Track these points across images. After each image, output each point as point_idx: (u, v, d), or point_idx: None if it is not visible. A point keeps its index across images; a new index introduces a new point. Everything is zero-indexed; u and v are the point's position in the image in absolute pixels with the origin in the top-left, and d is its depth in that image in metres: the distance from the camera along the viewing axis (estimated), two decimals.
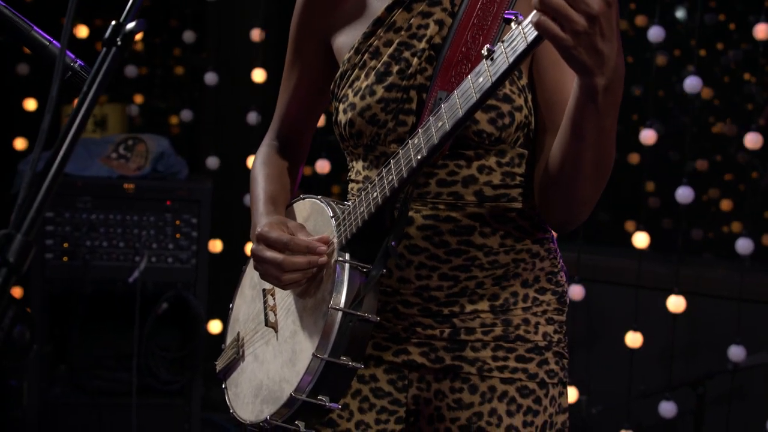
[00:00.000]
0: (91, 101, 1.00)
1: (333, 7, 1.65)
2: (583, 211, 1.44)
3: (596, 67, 1.19)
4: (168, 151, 3.77)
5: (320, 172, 3.89)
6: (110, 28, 1.08)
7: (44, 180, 0.95)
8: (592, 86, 1.22)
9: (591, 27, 1.14)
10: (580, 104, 1.27)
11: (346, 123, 1.54)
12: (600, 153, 1.34)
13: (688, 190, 3.22)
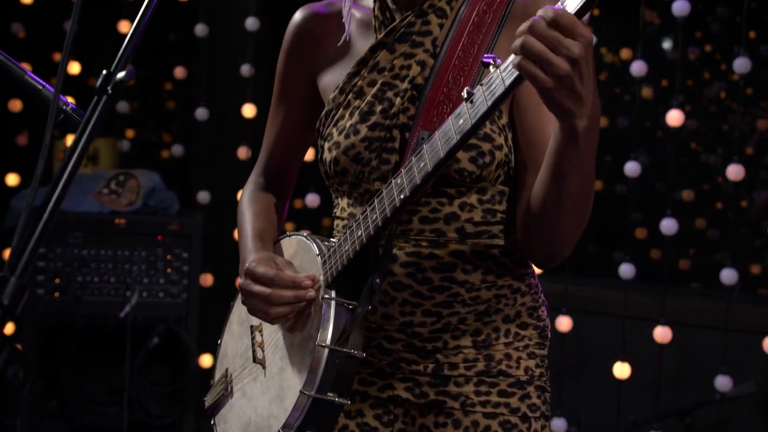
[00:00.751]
0: (82, 149, 1.03)
1: (318, 48, 1.69)
2: (565, 247, 1.47)
3: (576, 108, 1.22)
4: (159, 186, 3.81)
5: (310, 205, 3.92)
6: (101, 77, 1.12)
7: (38, 223, 0.99)
8: (572, 128, 1.25)
9: (572, 70, 1.17)
10: (561, 146, 1.30)
11: (331, 161, 1.57)
12: (580, 190, 1.37)
13: (672, 221, 3.25)
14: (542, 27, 1.16)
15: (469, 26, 1.53)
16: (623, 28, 4.53)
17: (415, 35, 1.55)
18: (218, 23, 4.37)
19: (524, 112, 1.51)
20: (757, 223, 4.50)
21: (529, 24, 1.17)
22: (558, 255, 1.49)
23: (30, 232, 0.98)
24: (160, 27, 4.94)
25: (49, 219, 0.95)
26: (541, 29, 1.16)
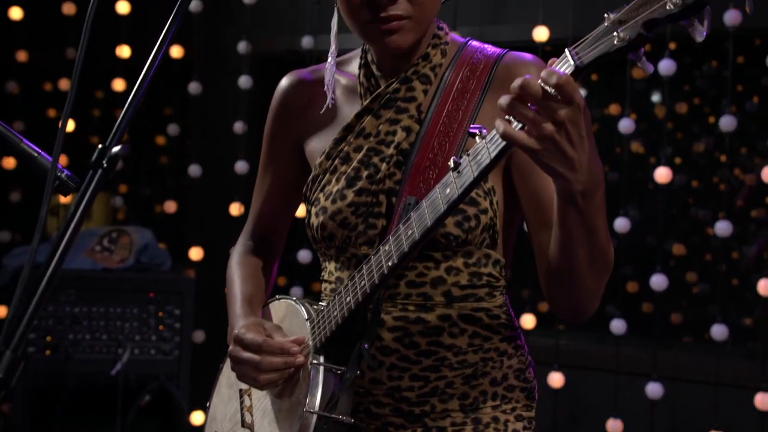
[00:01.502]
0: (76, 224, 1.05)
1: (304, 113, 1.71)
2: (590, 303, 1.45)
3: (569, 172, 1.21)
4: (152, 243, 3.82)
5: (302, 262, 3.94)
6: (96, 152, 1.15)
7: (32, 298, 1.00)
8: (568, 191, 1.25)
9: (558, 132, 1.17)
10: (561, 207, 1.31)
11: (318, 226, 1.59)
12: (593, 250, 1.35)
13: (662, 277, 3.28)
14: (531, 86, 1.15)
15: (454, 92, 1.55)
16: (611, 84, 4.59)
17: (400, 101, 1.57)
18: (211, 81, 4.42)
19: (526, 176, 1.52)
20: (748, 275, 4.51)
21: (519, 83, 1.16)
22: (584, 311, 1.47)
23: (25, 305, 0.99)
24: (153, 83, 4.99)
25: (41, 296, 0.97)
26: (530, 88, 1.15)
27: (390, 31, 1.49)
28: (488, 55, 1.58)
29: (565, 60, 1.18)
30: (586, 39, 1.17)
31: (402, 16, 1.48)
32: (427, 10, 1.50)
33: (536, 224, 1.52)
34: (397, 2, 1.47)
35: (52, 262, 0.99)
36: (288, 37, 4.31)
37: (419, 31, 1.52)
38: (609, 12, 1.15)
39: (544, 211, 1.50)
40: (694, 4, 1.07)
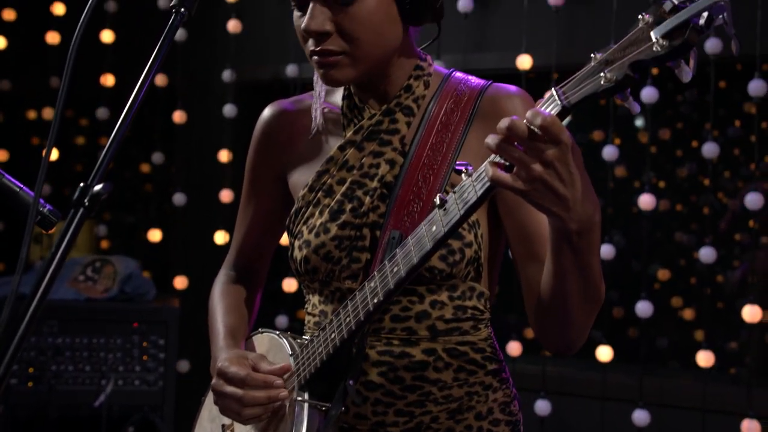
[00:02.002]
0: (57, 263, 1.04)
1: (287, 144, 1.70)
2: (579, 336, 1.44)
3: (562, 212, 1.20)
4: (136, 272, 3.80)
5: (287, 290, 3.92)
6: (78, 190, 1.14)
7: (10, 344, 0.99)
8: (564, 230, 1.24)
9: (547, 172, 1.16)
10: (556, 244, 1.29)
11: (301, 259, 1.58)
12: (586, 285, 1.34)
13: (647, 304, 3.28)
14: (518, 127, 1.14)
15: (438, 124, 1.55)
16: (595, 110, 4.61)
17: (383, 133, 1.56)
18: (196, 109, 4.42)
19: (513, 209, 1.51)
20: (733, 300, 4.53)
21: (506, 124, 1.15)
22: (572, 344, 1.46)
23: (5, 350, 0.98)
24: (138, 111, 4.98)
25: (20, 341, 0.96)
26: (517, 129, 1.14)
27: (326, 65, 1.49)
28: (472, 87, 1.58)
29: (552, 100, 1.17)
30: (572, 79, 1.16)
31: (335, 52, 1.48)
32: (365, 46, 1.48)
33: (524, 257, 1.51)
34: (330, 38, 1.47)
35: (32, 303, 0.98)
36: (272, 65, 4.32)
37: (361, 67, 1.50)
38: (596, 52, 1.15)
39: (532, 244, 1.49)
40: (681, 46, 1.07)
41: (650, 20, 1.10)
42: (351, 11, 1.46)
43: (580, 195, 1.19)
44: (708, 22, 1.06)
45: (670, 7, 1.08)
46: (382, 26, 1.49)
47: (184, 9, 1.34)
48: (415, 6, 1.50)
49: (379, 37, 1.49)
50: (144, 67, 1.20)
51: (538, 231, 1.48)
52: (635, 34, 1.11)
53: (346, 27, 1.47)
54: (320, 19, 1.47)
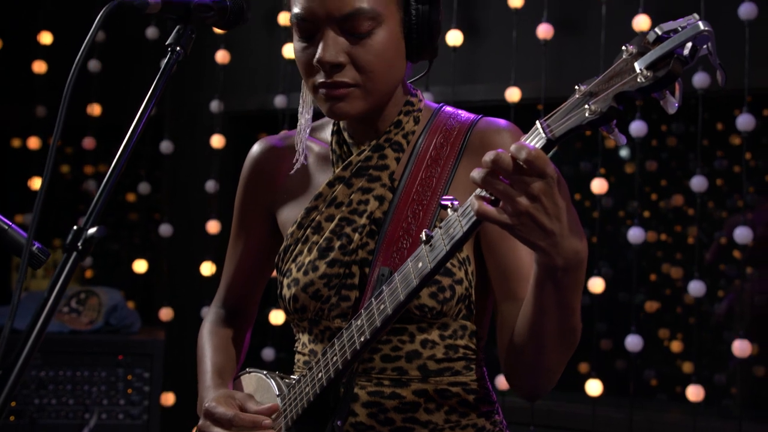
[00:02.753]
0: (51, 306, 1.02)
1: (276, 181, 1.68)
2: (549, 380, 1.42)
3: (549, 246, 1.18)
4: (121, 303, 3.76)
5: (274, 323, 3.89)
6: (71, 233, 1.12)
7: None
8: (549, 265, 1.22)
9: (532, 206, 1.14)
10: (539, 281, 1.28)
11: (290, 298, 1.55)
12: (564, 326, 1.33)
13: (637, 338, 3.26)
14: (503, 160, 1.13)
15: (427, 159, 1.53)
16: (582, 142, 4.63)
17: (372, 169, 1.55)
18: (183, 139, 4.40)
19: (493, 245, 1.49)
20: (720, 331, 4.53)
21: (491, 157, 1.14)
22: (542, 388, 1.44)
23: None
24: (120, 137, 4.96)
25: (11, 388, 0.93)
26: (502, 162, 1.13)
27: (336, 97, 1.47)
28: (462, 121, 1.57)
29: (537, 133, 1.16)
30: (557, 111, 1.16)
31: (348, 84, 1.46)
32: (378, 80, 1.47)
33: (500, 294, 1.49)
34: (343, 69, 1.45)
35: (24, 350, 0.96)
36: (260, 95, 4.31)
37: (370, 101, 1.49)
38: (580, 84, 1.14)
39: (510, 281, 1.48)
40: (665, 77, 1.06)
41: (634, 51, 1.10)
42: (367, 43, 1.45)
43: (567, 229, 1.18)
44: (692, 53, 1.06)
45: (654, 38, 1.08)
46: (393, 60, 1.48)
47: (180, 48, 1.33)
48: (420, 42, 1.50)
49: (390, 71, 1.49)
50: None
51: (517, 268, 1.47)
52: (619, 66, 1.11)
53: (361, 59, 1.45)
54: (334, 50, 1.44)
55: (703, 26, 1.06)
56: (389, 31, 1.46)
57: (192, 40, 1.34)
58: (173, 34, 1.35)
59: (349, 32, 1.44)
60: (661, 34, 1.08)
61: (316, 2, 1.44)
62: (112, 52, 4.41)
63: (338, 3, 1.43)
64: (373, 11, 1.43)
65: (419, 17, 1.48)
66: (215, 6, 1.39)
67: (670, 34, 1.07)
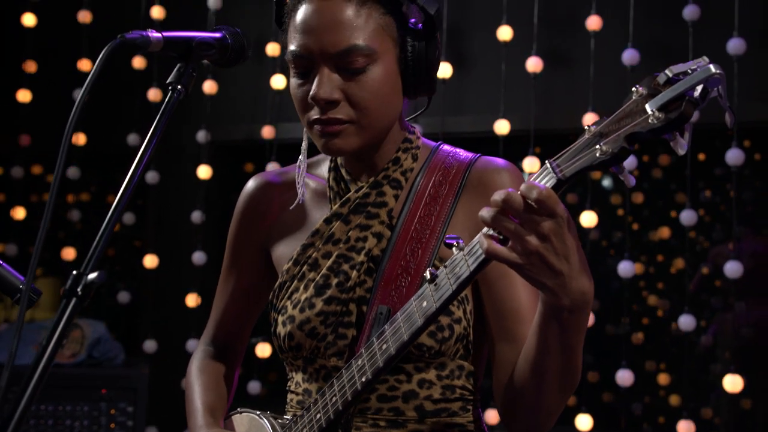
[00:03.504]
0: (50, 355, 0.99)
1: (271, 217, 1.66)
2: (547, 422, 1.40)
3: (557, 287, 1.17)
4: (104, 336, 3.71)
5: (260, 356, 3.84)
6: (71, 279, 1.09)
7: None
8: (556, 305, 1.21)
9: (542, 245, 1.14)
10: (544, 320, 1.26)
11: (285, 336, 1.53)
12: (566, 367, 1.31)
13: (627, 372, 3.25)
14: (514, 200, 1.13)
15: (426, 197, 1.52)
16: None
17: (370, 206, 1.53)
18: (169, 170, 4.37)
19: (492, 284, 1.48)
20: (706, 362, 4.53)
21: (502, 196, 1.14)
22: (539, 430, 1.42)
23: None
24: (107, 168, 4.93)
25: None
26: (513, 202, 1.13)
27: (331, 133, 1.46)
28: (460, 160, 1.56)
29: (547, 172, 1.16)
30: (566, 151, 1.15)
31: (342, 120, 1.45)
32: (373, 116, 1.46)
33: (497, 335, 1.48)
34: (338, 106, 1.44)
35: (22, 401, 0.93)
36: (247, 126, 4.30)
37: (365, 137, 1.48)
38: (590, 125, 1.14)
39: (506, 321, 1.46)
40: (677, 119, 1.06)
41: (644, 92, 1.10)
42: (362, 80, 1.44)
43: (576, 270, 1.17)
44: (703, 95, 1.06)
45: (665, 80, 1.09)
46: (389, 96, 1.48)
47: (181, 86, 1.32)
48: (417, 79, 1.49)
49: (386, 107, 1.48)
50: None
51: (515, 309, 1.45)
52: (629, 107, 1.11)
53: (356, 95, 1.44)
54: (329, 87, 1.44)
55: (715, 69, 1.06)
56: (385, 67, 1.45)
57: (193, 78, 1.32)
58: (174, 72, 1.33)
59: (344, 69, 1.44)
60: (671, 76, 1.08)
61: (311, 39, 1.43)
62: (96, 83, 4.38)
63: (333, 39, 1.42)
64: (368, 48, 1.43)
65: (415, 54, 1.48)
66: (217, 44, 1.37)
67: (680, 76, 1.08)
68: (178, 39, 1.32)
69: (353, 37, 1.42)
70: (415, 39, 1.48)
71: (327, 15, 1.43)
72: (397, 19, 1.48)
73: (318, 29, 1.43)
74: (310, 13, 1.44)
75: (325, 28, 1.43)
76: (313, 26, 1.43)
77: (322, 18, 1.43)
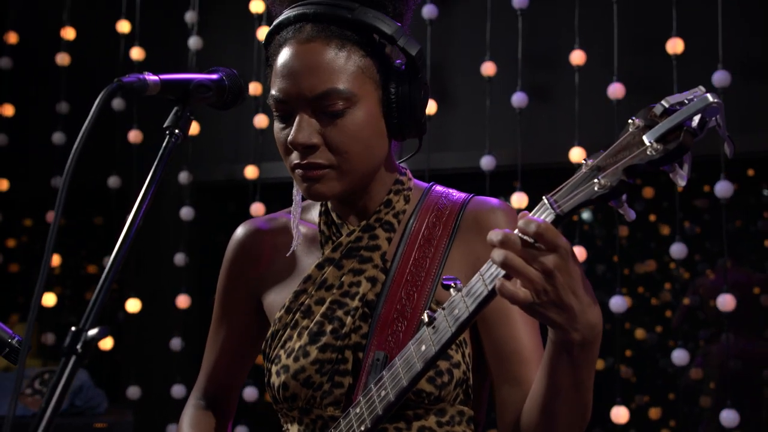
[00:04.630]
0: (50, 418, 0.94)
1: (262, 264, 1.63)
2: None
3: (567, 322, 1.15)
4: (87, 384, 3.64)
5: (248, 399, 3.78)
6: (69, 335, 1.04)
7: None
8: (567, 342, 1.18)
9: (548, 282, 1.11)
10: (553, 358, 1.23)
11: (279, 386, 1.48)
12: (578, 404, 1.28)
13: (622, 409, 3.21)
14: (510, 239, 1.11)
15: (419, 240, 1.49)
16: None
17: (363, 250, 1.50)
18: (150, 212, 4.31)
19: (492, 327, 1.45)
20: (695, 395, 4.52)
21: (499, 238, 1.11)
22: None
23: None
24: (86, 211, 4.89)
25: None
26: (510, 244, 1.11)
27: (312, 178, 1.43)
28: (454, 201, 1.53)
29: (544, 208, 1.14)
30: (564, 186, 1.14)
31: (322, 165, 1.42)
32: (353, 160, 1.43)
33: (499, 377, 1.45)
34: (317, 151, 1.42)
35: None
36: (228, 166, 4.26)
37: (347, 182, 1.45)
38: (586, 158, 1.12)
39: (509, 363, 1.43)
40: (676, 150, 1.05)
41: (641, 124, 1.09)
42: (340, 123, 1.42)
43: (585, 302, 1.15)
44: (701, 125, 1.05)
45: (662, 111, 1.07)
46: (371, 140, 1.45)
47: (178, 131, 1.29)
48: (402, 121, 1.47)
49: (367, 151, 1.45)
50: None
51: (516, 350, 1.43)
52: (626, 139, 1.10)
53: (335, 140, 1.42)
54: (307, 132, 1.41)
55: (712, 98, 1.05)
56: (365, 110, 1.43)
57: (191, 121, 1.29)
58: (171, 116, 1.30)
59: (322, 112, 1.42)
60: (668, 106, 1.07)
61: (290, 83, 1.42)
62: (77, 122, 4.35)
63: (311, 83, 1.41)
64: (347, 91, 1.41)
65: (398, 96, 1.46)
66: (213, 86, 1.35)
67: (677, 106, 1.07)
68: (176, 82, 1.29)
69: (331, 80, 1.41)
70: (397, 81, 1.46)
71: (306, 59, 1.42)
72: (378, 61, 1.46)
73: (297, 73, 1.42)
74: (290, 57, 1.43)
75: (304, 72, 1.41)
76: (292, 70, 1.42)
77: (301, 62, 1.42)
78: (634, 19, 3.68)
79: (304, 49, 1.42)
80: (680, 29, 3.44)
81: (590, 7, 3.68)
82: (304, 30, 1.44)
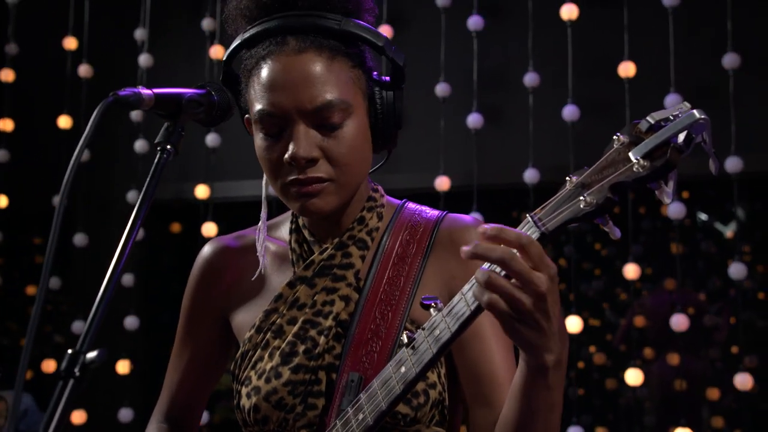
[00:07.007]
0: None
1: (229, 283, 1.58)
2: None
3: (543, 343, 1.13)
4: (32, 408, 3.55)
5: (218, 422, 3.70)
6: (66, 359, 1.00)
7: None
8: (539, 366, 1.16)
9: (536, 305, 1.09)
10: (528, 381, 1.21)
11: (250, 408, 1.44)
12: (550, 427, 1.26)
13: (578, 429, 3.22)
14: (509, 257, 1.08)
15: (394, 257, 1.47)
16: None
17: (336, 268, 1.47)
18: (97, 232, 4.23)
19: (464, 347, 1.43)
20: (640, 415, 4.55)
21: (499, 255, 1.08)
22: None
23: None
24: (29, 232, 4.77)
25: None
26: (508, 260, 1.07)
27: (309, 194, 1.39)
28: (427, 218, 1.51)
29: (529, 226, 1.11)
30: (548, 204, 1.12)
31: (323, 179, 1.39)
32: (352, 173, 1.41)
33: (472, 399, 1.43)
34: (317, 164, 1.38)
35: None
36: (177, 184, 4.19)
37: (343, 195, 1.42)
38: (570, 175, 1.11)
39: (482, 385, 1.41)
40: (663, 167, 1.04)
41: (626, 140, 1.07)
42: (339, 135, 1.39)
43: (557, 326, 1.13)
44: (687, 141, 1.04)
45: (647, 127, 1.06)
46: (364, 151, 1.43)
47: (170, 146, 1.25)
48: (386, 132, 1.46)
49: (362, 163, 1.43)
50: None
51: (490, 372, 1.41)
52: (611, 155, 1.08)
53: (335, 152, 1.39)
54: (308, 145, 1.37)
55: (699, 114, 1.04)
56: (358, 121, 1.41)
57: (182, 137, 1.25)
58: (162, 132, 1.26)
59: (321, 125, 1.38)
60: (653, 122, 1.06)
61: (284, 96, 1.37)
62: (20, 139, 4.25)
63: (309, 95, 1.37)
64: (344, 102, 1.38)
65: (384, 106, 1.44)
66: (204, 101, 1.31)
67: (662, 122, 1.05)
68: (169, 96, 1.26)
69: (328, 91, 1.37)
70: (383, 90, 1.45)
71: (298, 71, 1.38)
72: (364, 72, 1.44)
73: (291, 86, 1.37)
74: (278, 70, 1.38)
75: (299, 84, 1.37)
76: (284, 83, 1.37)
77: (294, 74, 1.37)
78: (587, 42, 3.72)
79: (294, 60, 1.38)
80: (632, 53, 3.49)
81: (544, 29, 3.72)
82: (288, 42, 1.40)
